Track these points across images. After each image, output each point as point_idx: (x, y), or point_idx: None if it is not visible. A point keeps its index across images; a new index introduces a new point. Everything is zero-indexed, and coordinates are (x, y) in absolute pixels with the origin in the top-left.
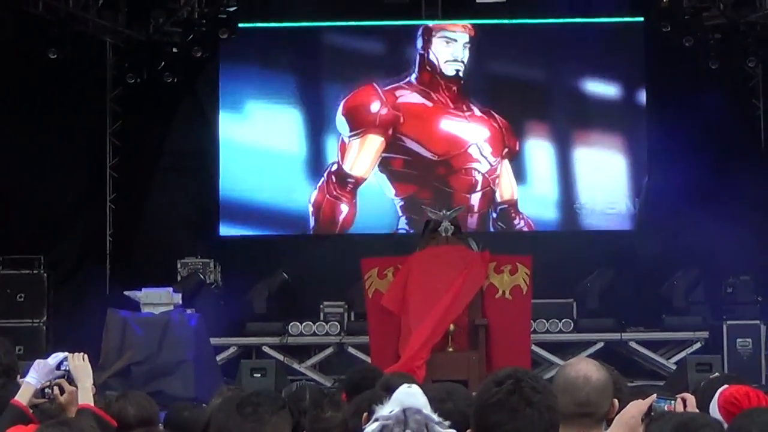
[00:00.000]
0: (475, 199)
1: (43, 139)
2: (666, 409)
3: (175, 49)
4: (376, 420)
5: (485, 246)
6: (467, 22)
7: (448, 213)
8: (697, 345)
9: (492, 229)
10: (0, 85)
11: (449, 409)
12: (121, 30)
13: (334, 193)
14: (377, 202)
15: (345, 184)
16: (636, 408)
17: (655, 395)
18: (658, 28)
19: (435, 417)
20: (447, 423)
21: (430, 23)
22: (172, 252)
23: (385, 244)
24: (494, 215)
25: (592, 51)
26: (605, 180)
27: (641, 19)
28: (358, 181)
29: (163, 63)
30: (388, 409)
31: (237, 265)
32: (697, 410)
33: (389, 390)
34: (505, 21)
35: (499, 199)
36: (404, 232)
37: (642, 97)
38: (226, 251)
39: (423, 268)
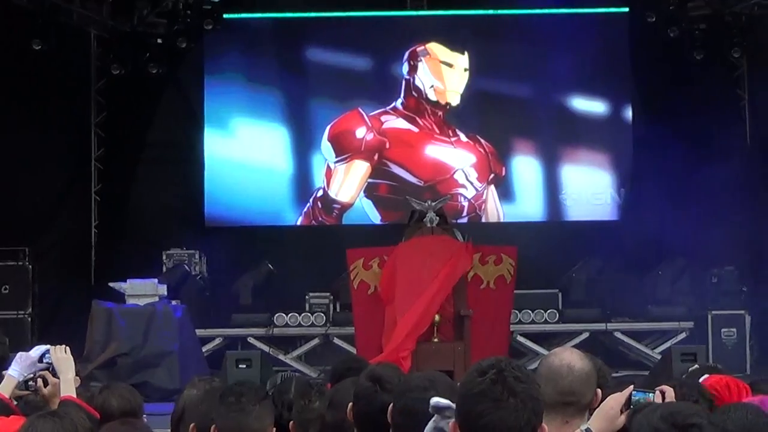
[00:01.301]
0: None
1: (28, 130)
2: (645, 400)
3: (159, 41)
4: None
5: (470, 236)
6: (451, 13)
7: (433, 203)
8: (682, 335)
9: None
10: None
11: (432, 397)
12: (105, 21)
13: (320, 218)
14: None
15: (331, 210)
16: (614, 400)
17: (632, 386)
18: (642, 19)
19: None
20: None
21: (417, 12)
22: (158, 243)
23: (371, 235)
24: None
25: (576, 41)
26: (590, 171)
27: (626, 9)
28: (344, 207)
29: (147, 54)
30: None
31: (222, 257)
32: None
33: (375, 380)
34: (491, 12)
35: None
36: None
37: (627, 87)
38: (212, 242)
39: (408, 259)
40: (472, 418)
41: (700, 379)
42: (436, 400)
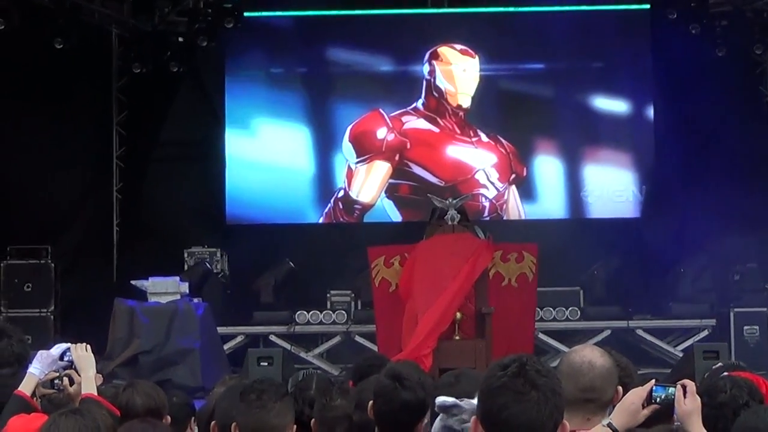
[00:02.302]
0: None
1: (50, 129)
2: (667, 394)
3: (180, 39)
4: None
5: (490, 233)
6: (472, 11)
7: (455, 201)
8: (704, 333)
9: None
10: (6, 76)
11: (459, 390)
12: (126, 20)
13: (341, 219)
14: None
15: (352, 210)
16: (635, 395)
17: (653, 381)
18: (664, 15)
19: None
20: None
21: (438, 10)
22: (179, 241)
23: (392, 233)
24: None
25: (598, 39)
26: (612, 169)
27: (647, 6)
28: (365, 208)
29: (168, 53)
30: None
31: (244, 254)
32: (697, 396)
33: (395, 378)
34: (511, 9)
35: None
36: None
37: (648, 84)
38: (233, 240)
39: (429, 257)
40: (494, 412)
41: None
42: (441, 399)
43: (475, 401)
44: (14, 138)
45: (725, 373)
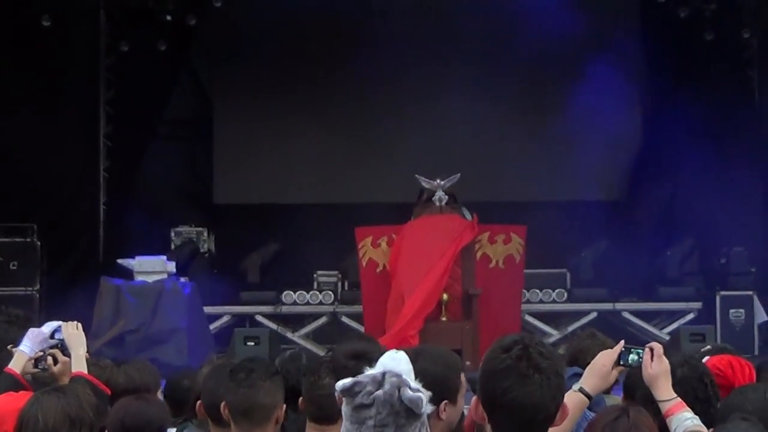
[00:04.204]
0: None
1: (37, 107)
2: (634, 358)
3: (169, 17)
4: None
5: (475, 213)
6: None
7: (443, 182)
8: (691, 315)
9: None
10: None
11: (418, 368)
12: None
13: None
14: None
15: None
16: (606, 357)
17: (622, 342)
18: None
19: (413, 383)
20: (425, 393)
21: None
22: (166, 220)
23: (380, 213)
24: None
25: (587, 22)
26: (600, 150)
27: None
28: None
29: (157, 31)
30: (371, 371)
31: (231, 234)
32: (665, 359)
33: (357, 357)
34: None
35: None
36: None
37: (636, 67)
38: (220, 220)
39: (416, 238)
40: (498, 394)
41: (704, 359)
42: (340, 383)
43: (371, 369)
44: (0, 116)
45: (707, 357)
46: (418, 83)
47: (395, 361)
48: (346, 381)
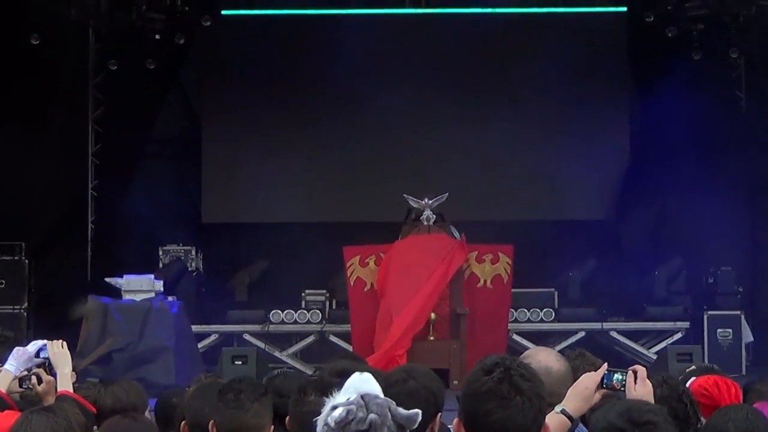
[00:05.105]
0: None
1: (25, 125)
2: (618, 379)
3: (157, 36)
4: (335, 407)
5: (463, 232)
6: (449, 11)
7: (430, 202)
8: (678, 335)
9: None
10: None
11: (412, 387)
12: (103, 16)
13: None
14: None
15: None
16: (589, 379)
17: (605, 364)
18: (641, 18)
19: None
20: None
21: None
22: (154, 239)
23: (368, 232)
24: None
25: (574, 41)
26: (587, 170)
27: (624, 9)
28: None
29: (145, 50)
30: (344, 396)
31: (219, 253)
32: (648, 381)
33: (340, 375)
34: (488, 10)
35: None
36: None
37: (624, 86)
38: (208, 238)
39: (404, 257)
40: (480, 417)
41: (688, 382)
42: (336, 416)
43: (341, 395)
44: None
45: (693, 378)
46: (406, 103)
47: (367, 383)
48: (341, 413)
